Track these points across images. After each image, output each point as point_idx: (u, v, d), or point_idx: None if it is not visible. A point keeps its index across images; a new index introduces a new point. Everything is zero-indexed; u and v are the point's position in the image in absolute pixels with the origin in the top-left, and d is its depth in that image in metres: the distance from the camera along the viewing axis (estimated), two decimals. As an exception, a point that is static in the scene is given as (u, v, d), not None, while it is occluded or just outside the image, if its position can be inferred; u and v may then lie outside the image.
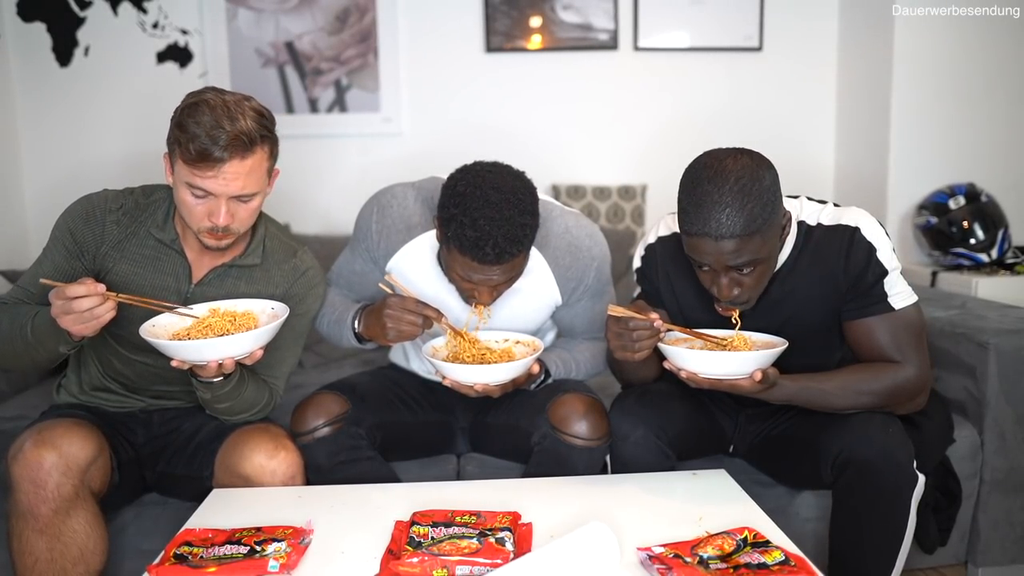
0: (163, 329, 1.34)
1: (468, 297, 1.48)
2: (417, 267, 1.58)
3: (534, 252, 1.56)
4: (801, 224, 1.43)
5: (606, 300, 1.64)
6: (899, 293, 1.39)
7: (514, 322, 1.60)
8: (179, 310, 1.37)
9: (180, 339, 1.32)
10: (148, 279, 1.45)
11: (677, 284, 1.54)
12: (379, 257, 1.60)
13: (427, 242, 1.57)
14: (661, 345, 1.34)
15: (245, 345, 1.30)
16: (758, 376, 1.29)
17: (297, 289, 1.53)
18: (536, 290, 1.59)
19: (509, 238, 1.34)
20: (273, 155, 1.39)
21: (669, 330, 1.38)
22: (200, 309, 1.39)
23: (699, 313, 1.50)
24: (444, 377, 1.42)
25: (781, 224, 1.33)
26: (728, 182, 1.24)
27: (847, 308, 1.42)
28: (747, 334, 1.41)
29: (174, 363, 1.31)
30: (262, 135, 1.33)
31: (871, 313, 1.39)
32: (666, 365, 1.35)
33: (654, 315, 1.32)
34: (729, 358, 1.29)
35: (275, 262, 1.53)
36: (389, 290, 1.49)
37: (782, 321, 1.44)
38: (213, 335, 1.32)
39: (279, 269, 1.53)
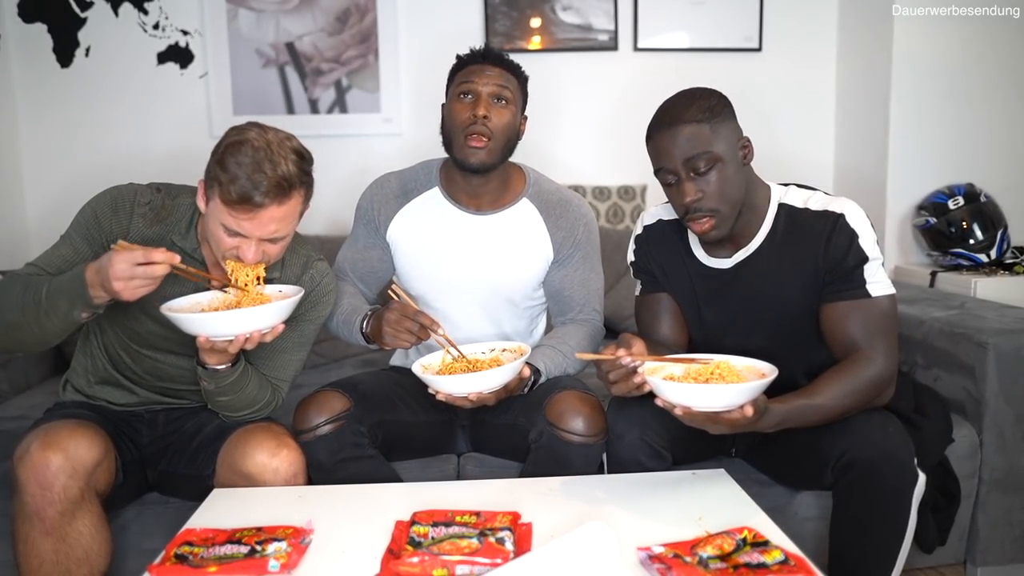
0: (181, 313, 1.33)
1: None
2: (417, 226, 1.70)
3: (527, 204, 1.69)
4: (783, 206, 1.47)
5: (597, 271, 1.74)
6: (878, 282, 1.41)
7: (509, 278, 1.67)
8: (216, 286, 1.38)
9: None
10: (165, 283, 1.44)
11: (667, 267, 1.57)
12: (380, 224, 1.72)
13: (423, 202, 1.71)
14: (651, 379, 1.25)
15: (269, 317, 1.31)
16: (749, 411, 1.22)
17: (310, 297, 1.54)
18: (529, 241, 1.68)
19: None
20: (308, 196, 1.39)
21: (643, 361, 1.28)
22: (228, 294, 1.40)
23: (688, 295, 1.55)
24: (438, 392, 1.42)
25: (738, 136, 1.42)
26: (684, 92, 1.43)
27: (825, 291, 1.43)
28: (730, 359, 1.33)
29: (200, 340, 1.31)
30: (301, 180, 1.34)
31: (847, 297, 1.41)
32: (658, 402, 1.26)
33: (620, 351, 1.27)
34: (721, 391, 1.21)
35: (292, 275, 1.53)
36: (395, 298, 1.52)
37: (764, 303, 1.47)
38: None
39: (296, 281, 1.53)
